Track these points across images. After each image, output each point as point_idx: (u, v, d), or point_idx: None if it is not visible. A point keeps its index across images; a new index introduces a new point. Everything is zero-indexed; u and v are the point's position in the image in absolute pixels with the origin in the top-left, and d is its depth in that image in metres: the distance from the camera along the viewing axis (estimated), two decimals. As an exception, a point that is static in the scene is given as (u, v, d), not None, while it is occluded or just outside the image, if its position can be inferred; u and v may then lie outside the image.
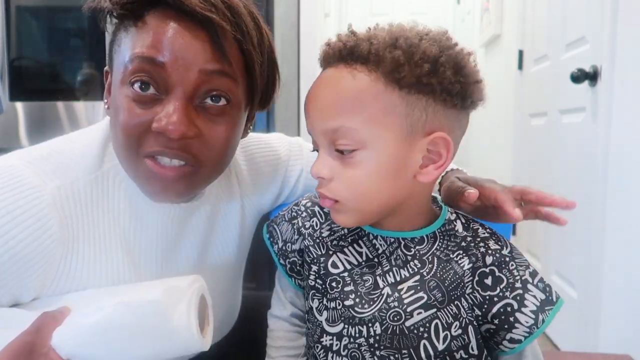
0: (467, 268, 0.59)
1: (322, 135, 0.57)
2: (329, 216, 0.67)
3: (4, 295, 0.58)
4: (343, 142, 0.55)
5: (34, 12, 1.51)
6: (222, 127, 0.60)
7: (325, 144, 0.57)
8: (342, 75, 0.56)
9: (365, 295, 0.61)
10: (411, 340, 0.59)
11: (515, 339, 0.57)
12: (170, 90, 0.57)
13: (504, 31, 2.76)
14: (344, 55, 0.56)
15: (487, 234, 0.61)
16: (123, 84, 0.58)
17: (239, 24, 0.58)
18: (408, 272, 0.60)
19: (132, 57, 0.56)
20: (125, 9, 0.57)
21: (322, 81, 0.58)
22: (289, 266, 0.70)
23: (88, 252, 0.62)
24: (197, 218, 0.72)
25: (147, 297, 0.55)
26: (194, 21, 0.56)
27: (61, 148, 0.64)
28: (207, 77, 0.57)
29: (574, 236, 1.76)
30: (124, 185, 0.64)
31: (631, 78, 1.49)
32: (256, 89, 0.63)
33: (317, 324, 0.64)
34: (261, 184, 0.81)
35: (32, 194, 0.57)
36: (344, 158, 0.56)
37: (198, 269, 0.73)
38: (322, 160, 0.57)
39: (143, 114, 0.57)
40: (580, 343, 1.69)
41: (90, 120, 1.51)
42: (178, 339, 0.56)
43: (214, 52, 0.57)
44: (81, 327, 0.54)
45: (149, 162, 0.59)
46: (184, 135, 0.56)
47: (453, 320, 0.58)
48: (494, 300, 0.57)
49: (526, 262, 0.59)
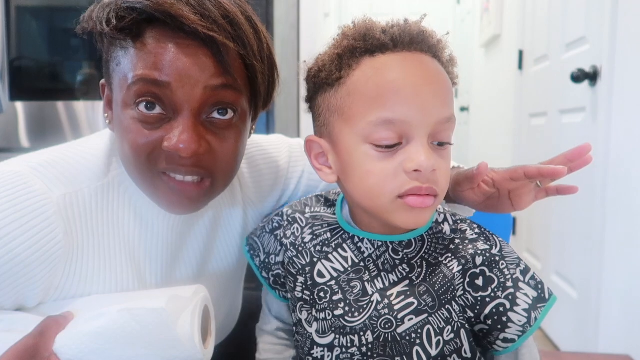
0: (456, 271, 0.57)
1: (434, 124, 0.53)
2: (309, 220, 0.66)
3: (9, 299, 0.58)
4: (449, 133, 0.55)
5: (34, 12, 1.51)
6: (231, 139, 0.60)
7: (424, 136, 0.53)
8: (434, 63, 0.56)
9: (355, 303, 0.59)
10: (404, 347, 0.57)
11: (509, 339, 0.56)
12: (177, 108, 0.56)
13: (504, 31, 2.76)
14: (417, 42, 0.55)
15: (476, 235, 0.60)
16: (127, 106, 0.57)
17: (240, 37, 0.57)
18: (397, 277, 0.59)
19: (135, 79, 0.55)
20: (123, 33, 0.56)
21: (427, 66, 0.55)
22: (273, 279, 0.69)
23: (92, 259, 0.62)
24: (200, 224, 0.72)
25: (151, 306, 0.55)
26: (196, 39, 0.55)
27: (66, 155, 0.64)
28: (213, 93, 0.57)
29: (574, 236, 1.76)
30: (128, 194, 0.65)
31: (631, 78, 1.49)
32: (259, 96, 0.63)
33: (306, 336, 0.63)
34: (263, 187, 0.81)
35: (39, 201, 0.57)
36: (439, 150, 0.55)
37: (201, 274, 0.73)
38: (426, 150, 0.52)
39: (152, 134, 0.57)
40: (580, 343, 1.69)
41: (90, 120, 1.51)
42: (180, 348, 0.55)
43: (217, 68, 0.56)
44: (83, 332, 0.54)
45: (165, 178, 0.59)
46: (195, 153, 0.56)
47: (445, 325, 0.57)
48: (486, 301, 0.56)
49: (517, 260, 0.58)
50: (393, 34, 0.55)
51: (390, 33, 0.55)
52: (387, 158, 0.53)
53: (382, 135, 0.53)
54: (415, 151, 0.52)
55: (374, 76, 0.54)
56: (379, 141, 0.53)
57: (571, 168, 0.60)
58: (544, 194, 0.63)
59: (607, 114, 1.53)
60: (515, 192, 0.62)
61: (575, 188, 0.60)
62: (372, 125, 0.53)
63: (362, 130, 0.54)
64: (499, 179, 0.61)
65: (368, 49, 0.55)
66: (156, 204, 0.63)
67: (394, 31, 0.55)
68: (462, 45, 4.05)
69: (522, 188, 0.62)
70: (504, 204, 0.64)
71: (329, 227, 0.64)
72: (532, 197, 0.63)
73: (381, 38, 0.55)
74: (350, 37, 0.57)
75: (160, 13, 0.54)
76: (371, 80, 0.54)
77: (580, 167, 0.60)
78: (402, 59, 0.54)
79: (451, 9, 4.39)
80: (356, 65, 0.55)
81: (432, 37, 0.57)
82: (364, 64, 0.55)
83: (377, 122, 0.53)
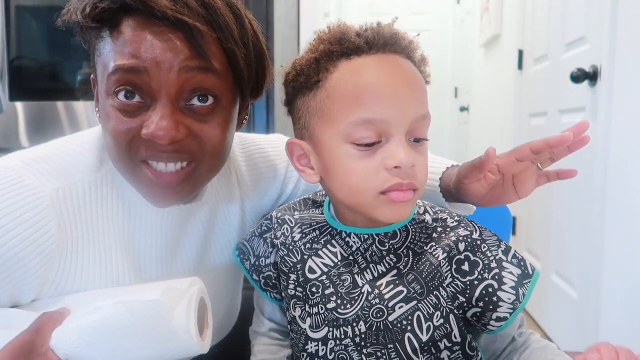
0: (442, 258, 0.60)
1: (412, 122, 0.56)
2: (298, 221, 0.67)
3: (4, 296, 0.58)
4: (425, 130, 0.57)
5: (34, 12, 1.51)
6: (214, 123, 0.60)
7: (402, 133, 0.55)
8: (408, 63, 0.58)
9: (346, 295, 0.61)
10: (396, 334, 0.60)
11: (502, 317, 0.59)
12: (155, 95, 0.57)
13: (504, 31, 2.76)
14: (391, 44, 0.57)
15: (456, 222, 0.62)
16: (108, 95, 0.58)
17: (215, 20, 0.57)
18: (385, 268, 0.61)
19: (114, 69, 0.56)
20: (97, 22, 0.56)
21: (402, 66, 0.57)
22: (264, 281, 0.70)
23: (88, 253, 0.62)
24: (197, 219, 0.72)
25: (146, 298, 0.55)
26: (169, 24, 0.55)
27: (59, 150, 0.64)
28: (189, 75, 0.57)
29: (574, 236, 1.76)
30: (122, 188, 0.64)
31: (631, 78, 1.49)
32: (244, 81, 0.62)
33: (301, 333, 0.65)
34: (262, 185, 0.81)
35: (32, 195, 0.57)
36: (416, 147, 0.57)
37: (199, 270, 0.73)
38: (405, 148, 0.55)
39: (131, 122, 0.57)
40: (580, 343, 1.69)
41: (90, 120, 1.51)
42: (177, 340, 0.55)
43: (192, 51, 0.56)
44: (80, 327, 0.54)
45: (145, 169, 0.59)
46: (174, 140, 0.56)
47: (434, 311, 0.60)
48: (475, 284, 0.59)
49: (497, 242, 0.61)
50: (367, 37, 0.57)
51: (365, 36, 0.57)
52: (368, 156, 0.56)
53: (363, 134, 0.55)
54: (395, 148, 0.55)
55: (352, 78, 0.56)
56: (360, 140, 0.55)
57: (570, 148, 0.61)
58: (545, 179, 0.64)
59: (607, 114, 1.53)
60: (518, 177, 0.64)
61: (574, 172, 0.62)
62: (352, 126, 0.55)
63: (343, 131, 0.56)
64: (503, 163, 0.63)
65: (344, 52, 0.57)
66: (142, 196, 0.63)
67: (368, 34, 0.57)
68: (462, 45, 4.05)
69: (526, 172, 0.63)
70: (508, 193, 0.64)
71: (318, 226, 0.66)
72: (534, 182, 0.64)
73: (356, 41, 0.57)
74: (326, 41, 0.59)
75: (132, 0, 0.54)
76: (350, 83, 0.56)
77: (578, 147, 0.62)
78: (377, 61, 0.57)
79: (451, 9, 4.39)
80: (334, 69, 0.57)
81: (404, 39, 0.59)
82: (341, 67, 0.57)
83: (357, 122, 0.55)
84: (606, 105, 1.54)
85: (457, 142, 4.12)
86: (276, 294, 0.70)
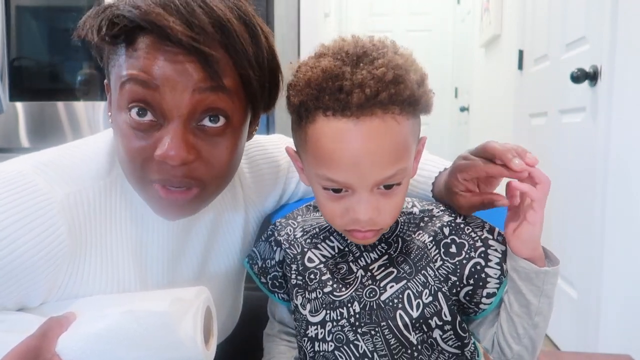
0: (428, 241, 0.65)
1: (377, 183, 0.57)
2: (300, 223, 0.72)
3: (12, 299, 0.58)
4: (396, 180, 0.58)
5: (34, 12, 1.51)
6: (223, 147, 0.59)
7: (367, 190, 0.57)
8: (388, 124, 0.55)
9: (342, 280, 0.66)
10: (387, 312, 0.63)
11: (491, 293, 0.63)
12: (166, 115, 0.56)
13: (504, 31, 2.76)
14: (380, 101, 0.54)
15: (441, 212, 0.68)
16: (121, 109, 0.57)
17: (231, 44, 0.56)
18: (377, 254, 0.67)
19: (126, 78, 0.55)
20: (114, 43, 0.56)
21: (369, 134, 0.54)
22: (270, 282, 0.73)
23: (95, 258, 0.62)
24: (201, 226, 0.72)
25: (154, 308, 0.55)
26: (183, 49, 0.54)
27: (69, 155, 0.64)
28: (202, 96, 0.56)
29: (574, 236, 1.76)
30: (129, 194, 0.65)
31: (631, 78, 1.49)
32: (257, 100, 0.62)
33: (302, 319, 0.68)
34: (264, 187, 0.81)
35: (43, 200, 0.57)
36: (386, 193, 0.58)
37: (203, 275, 0.74)
38: (366, 203, 0.57)
39: (144, 142, 0.57)
40: (580, 343, 1.69)
41: (90, 120, 1.51)
42: (183, 350, 0.56)
43: (205, 73, 0.55)
44: (86, 334, 0.54)
45: (157, 187, 0.59)
46: (184, 161, 0.56)
47: (423, 289, 0.64)
48: (463, 263, 0.64)
49: (481, 223, 0.66)
50: (352, 96, 0.53)
51: (350, 92, 0.54)
52: (335, 199, 0.59)
53: (328, 184, 0.58)
54: (357, 203, 0.58)
55: (319, 139, 0.57)
56: (326, 186, 0.59)
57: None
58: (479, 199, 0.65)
59: (607, 114, 1.53)
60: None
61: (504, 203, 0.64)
62: (318, 176, 0.59)
63: (313, 175, 0.60)
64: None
65: (320, 107, 0.56)
66: (150, 208, 0.63)
67: (356, 93, 0.53)
68: (462, 45, 4.06)
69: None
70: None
71: (318, 225, 0.71)
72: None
73: (337, 98, 0.54)
74: (313, 83, 0.56)
75: (146, 23, 0.53)
76: (318, 142, 0.57)
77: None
78: (346, 129, 0.54)
79: (451, 9, 4.39)
80: (312, 119, 0.57)
81: (405, 90, 0.55)
82: (317, 121, 0.56)
83: (322, 176, 0.58)
84: (606, 105, 1.54)
85: (457, 142, 4.12)
86: (283, 294, 0.73)
